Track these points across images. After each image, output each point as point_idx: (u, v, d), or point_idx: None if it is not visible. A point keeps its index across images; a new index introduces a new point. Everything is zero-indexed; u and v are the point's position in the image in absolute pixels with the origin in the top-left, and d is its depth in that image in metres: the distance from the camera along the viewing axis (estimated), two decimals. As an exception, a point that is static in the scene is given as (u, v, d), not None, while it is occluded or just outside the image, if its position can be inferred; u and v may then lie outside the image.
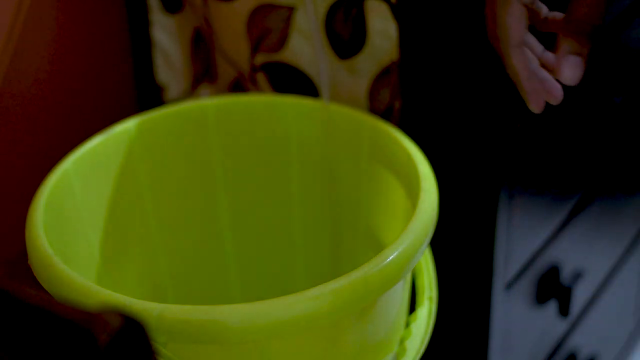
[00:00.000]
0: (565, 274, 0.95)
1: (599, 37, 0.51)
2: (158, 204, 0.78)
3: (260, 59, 0.82)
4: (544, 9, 0.53)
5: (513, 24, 0.51)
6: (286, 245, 0.85)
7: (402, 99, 0.77)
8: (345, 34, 0.76)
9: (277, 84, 0.82)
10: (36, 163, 0.85)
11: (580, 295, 0.99)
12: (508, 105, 0.73)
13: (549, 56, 0.53)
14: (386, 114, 0.78)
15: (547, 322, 0.95)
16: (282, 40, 0.80)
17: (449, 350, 0.86)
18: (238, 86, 0.86)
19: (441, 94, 0.76)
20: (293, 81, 0.81)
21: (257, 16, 0.80)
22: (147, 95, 0.94)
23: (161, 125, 0.77)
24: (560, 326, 0.99)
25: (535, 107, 0.53)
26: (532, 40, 0.53)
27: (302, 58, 0.80)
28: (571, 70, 0.51)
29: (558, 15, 0.52)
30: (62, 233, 0.66)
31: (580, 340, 1.06)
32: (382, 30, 0.75)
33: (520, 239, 0.82)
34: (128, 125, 0.75)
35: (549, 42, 0.53)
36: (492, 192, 0.76)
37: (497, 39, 0.52)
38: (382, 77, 0.77)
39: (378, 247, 0.75)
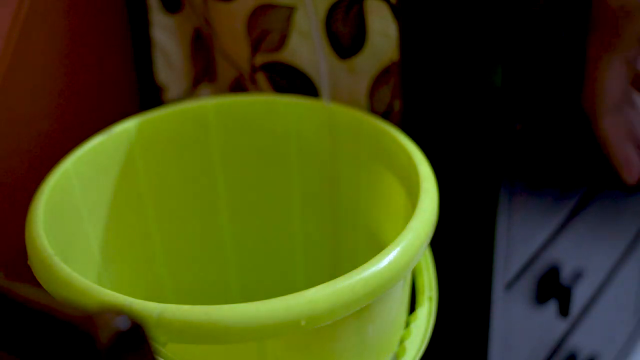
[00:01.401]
0: (565, 274, 0.95)
1: None
2: (158, 203, 0.78)
3: (260, 59, 0.82)
4: None
5: (612, 85, 0.45)
6: (286, 245, 0.85)
7: (402, 99, 0.77)
8: (345, 34, 0.76)
9: (277, 84, 0.82)
10: (36, 163, 0.85)
11: (580, 295, 0.99)
12: (508, 106, 0.73)
13: None
14: (386, 114, 0.78)
15: (547, 322, 0.95)
16: (282, 40, 0.80)
17: (449, 350, 0.86)
18: (238, 86, 0.86)
19: (441, 94, 0.76)
20: (293, 81, 0.81)
21: (257, 16, 0.80)
22: (147, 95, 0.94)
23: (161, 125, 0.77)
24: (560, 326, 0.99)
25: (629, 178, 0.47)
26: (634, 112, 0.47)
27: (302, 58, 0.80)
28: None
29: None
30: (62, 233, 0.66)
31: (580, 340, 1.07)
32: (382, 30, 0.75)
33: (520, 239, 0.82)
34: (128, 125, 0.75)
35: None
36: (492, 192, 0.76)
37: (592, 101, 0.46)
38: (382, 77, 0.77)
39: (378, 247, 0.75)
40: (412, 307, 0.68)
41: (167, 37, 0.89)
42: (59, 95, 0.88)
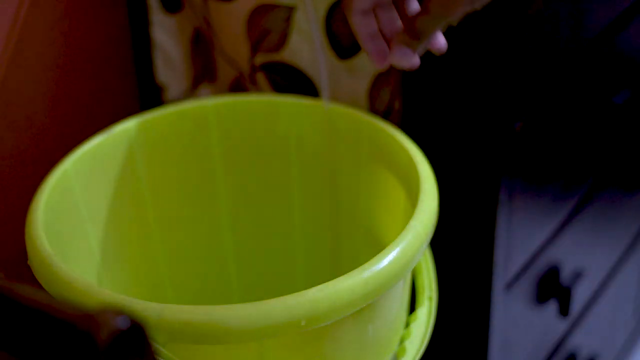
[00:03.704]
0: (565, 274, 0.95)
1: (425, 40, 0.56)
2: (158, 203, 0.78)
3: (260, 59, 0.82)
4: (413, 5, 0.58)
5: None
6: (286, 245, 0.85)
7: (402, 99, 0.77)
8: (345, 34, 0.76)
9: (277, 84, 0.82)
10: (36, 163, 0.85)
11: (580, 295, 0.99)
12: (508, 106, 0.73)
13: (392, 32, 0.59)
14: (386, 114, 0.78)
15: (547, 322, 0.95)
16: (282, 40, 0.80)
17: (449, 350, 0.86)
18: (238, 86, 0.86)
19: (441, 94, 0.76)
20: (293, 81, 0.81)
21: (257, 16, 0.80)
22: (147, 95, 0.94)
23: (161, 125, 0.77)
24: (560, 326, 0.99)
25: (378, 65, 0.59)
26: (386, 15, 0.58)
27: (302, 58, 0.80)
28: (399, 58, 0.57)
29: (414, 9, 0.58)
30: (62, 233, 0.66)
31: (580, 340, 1.07)
32: (382, 30, 0.75)
33: (520, 239, 0.82)
34: (128, 125, 0.75)
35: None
36: (492, 192, 0.76)
37: (345, 6, 0.57)
38: (382, 77, 0.77)
39: (378, 247, 0.75)
40: (412, 307, 0.68)
41: (167, 37, 0.89)
42: (59, 95, 0.88)
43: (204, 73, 0.90)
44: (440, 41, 0.59)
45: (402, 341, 0.64)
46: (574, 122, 0.88)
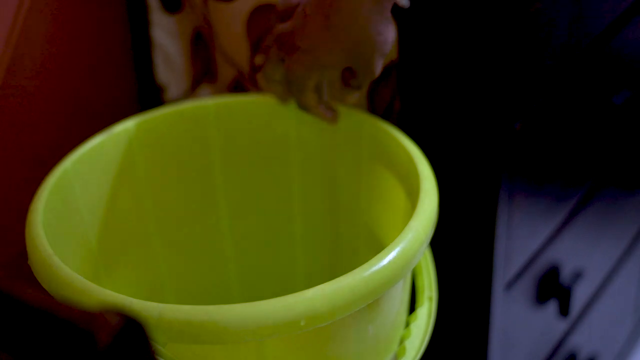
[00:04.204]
0: (565, 274, 0.95)
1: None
2: (157, 203, 0.78)
3: (260, 59, 0.82)
4: None
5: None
6: (286, 245, 0.85)
7: (402, 99, 0.77)
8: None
9: (277, 84, 0.82)
10: (36, 163, 0.85)
11: (580, 295, 0.99)
12: (507, 106, 0.73)
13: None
14: (386, 114, 0.78)
15: (547, 322, 0.95)
16: (282, 40, 0.79)
17: (449, 350, 0.86)
18: (238, 86, 0.86)
19: (440, 94, 0.76)
20: (293, 81, 0.81)
21: (257, 16, 0.80)
22: (147, 95, 0.94)
23: (161, 125, 0.77)
24: (560, 326, 0.99)
25: (331, 120, 0.75)
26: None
27: (302, 58, 0.79)
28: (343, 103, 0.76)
29: None
30: (62, 233, 0.66)
31: (580, 340, 1.07)
32: (382, 30, 0.75)
33: (520, 239, 0.82)
34: (128, 125, 0.75)
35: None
36: (492, 192, 0.76)
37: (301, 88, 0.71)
38: (381, 77, 0.77)
39: (378, 246, 0.75)
40: (412, 307, 0.68)
41: (167, 37, 0.89)
42: (59, 95, 0.88)
43: (204, 73, 0.90)
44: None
45: (402, 341, 0.64)
46: (573, 122, 0.88)
